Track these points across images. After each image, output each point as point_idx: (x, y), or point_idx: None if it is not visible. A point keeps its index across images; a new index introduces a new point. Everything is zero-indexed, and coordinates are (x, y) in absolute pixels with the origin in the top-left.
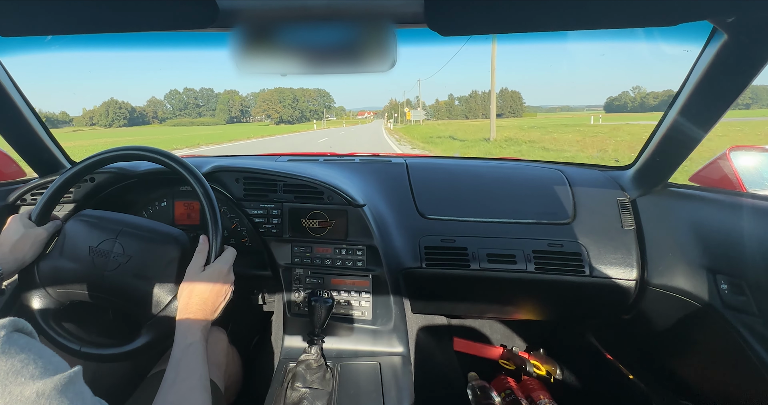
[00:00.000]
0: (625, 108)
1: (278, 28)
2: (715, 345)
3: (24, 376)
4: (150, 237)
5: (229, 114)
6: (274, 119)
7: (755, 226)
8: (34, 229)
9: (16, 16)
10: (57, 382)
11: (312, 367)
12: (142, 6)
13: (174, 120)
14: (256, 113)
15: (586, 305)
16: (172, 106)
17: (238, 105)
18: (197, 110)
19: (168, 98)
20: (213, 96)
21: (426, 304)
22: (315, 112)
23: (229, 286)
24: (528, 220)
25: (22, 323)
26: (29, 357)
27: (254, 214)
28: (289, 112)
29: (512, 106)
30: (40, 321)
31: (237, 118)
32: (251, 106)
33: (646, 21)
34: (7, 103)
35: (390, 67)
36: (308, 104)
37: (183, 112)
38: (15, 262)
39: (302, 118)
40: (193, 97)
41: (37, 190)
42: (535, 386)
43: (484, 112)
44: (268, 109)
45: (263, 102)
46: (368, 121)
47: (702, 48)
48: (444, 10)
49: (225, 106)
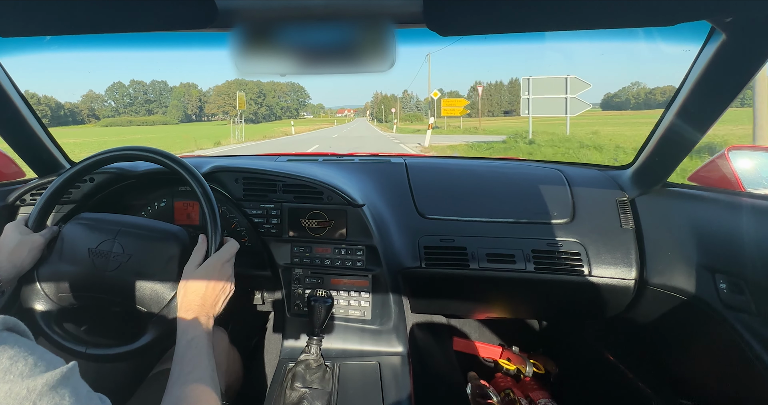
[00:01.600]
0: (628, 105)
1: (277, 28)
2: (714, 344)
3: (13, 373)
4: (149, 235)
5: (185, 111)
6: (232, 116)
7: (754, 225)
8: (31, 236)
9: (14, 16)
10: (48, 379)
11: (311, 367)
12: (141, 6)
13: (109, 119)
14: (210, 110)
15: (585, 305)
16: (115, 103)
17: (196, 101)
18: (147, 107)
19: (110, 93)
20: (167, 90)
21: (425, 303)
22: (288, 110)
23: (227, 279)
24: (527, 219)
25: (12, 322)
26: (19, 354)
27: (254, 214)
28: (252, 109)
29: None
30: (44, 326)
31: (195, 115)
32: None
33: (644, 21)
34: (6, 103)
35: (389, 67)
36: (279, 100)
37: (129, 110)
38: (13, 269)
39: (270, 116)
40: (142, 91)
41: (37, 190)
42: (534, 386)
43: (507, 108)
44: (224, 104)
45: (219, 96)
46: (348, 119)
47: (700, 48)
48: (443, 11)
49: (179, 103)
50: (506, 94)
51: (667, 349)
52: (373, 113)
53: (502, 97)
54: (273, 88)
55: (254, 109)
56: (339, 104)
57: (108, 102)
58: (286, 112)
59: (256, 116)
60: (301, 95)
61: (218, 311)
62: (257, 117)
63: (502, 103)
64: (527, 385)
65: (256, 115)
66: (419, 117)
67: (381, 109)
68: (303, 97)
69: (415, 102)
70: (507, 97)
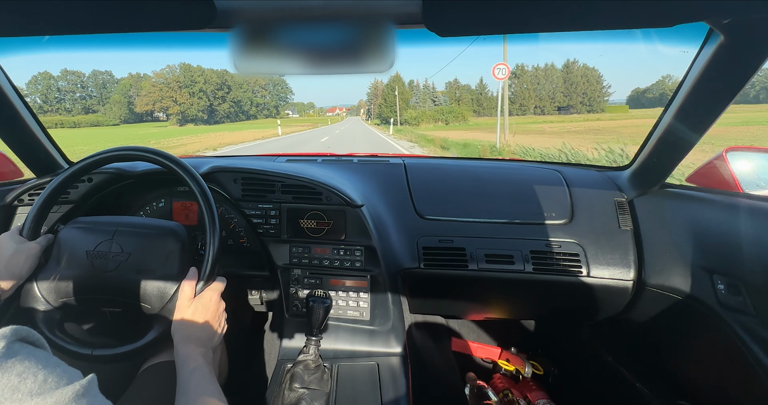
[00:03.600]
0: (662, 100)
1: (276, 28)
2: (712, 345)
3: (22, 391)
4: (147, 232)
5: (129, 109)
6: (173, 116)
7: (752, 226)
8: (27, 244)
9: (12, 16)
10: (59, 398)
11: (310, 368)
12: (140, 7)
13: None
14: (142, 107)
15: (583, 305)
16: (41, 99)
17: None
18: (84, 104)
19: (32, 86)
20: (112, 82)
21: (424, 304)
22: (264, 107)
23: (221, 314)
24: (526, 220)
25: (25, 331)
26: (29, 370)
27: (252, 214)
28: (202, 104)
29: (587, 92)
30: (47, 332)
31: (148, 114)
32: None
33: (643, 22)
34: (5, 103)
35: (389, 68)
36: (253, 95)
37: (59, 107)
38: (11, 278)
39: (237, 115)
40: (78, 84)
41: (35, 190)
42: (532, 386)
43: (562, 103)
44: (162, 98)
45: (154, 87)
46: (340, 118)
47: (698, 49)
48: (442, 11)
49: (124, 98)
50: (560, 83)
51: (665, 350)
52: (370, 110)
53: (554, 86)
54: (244, 79)
55: (205, 105)
56: (330, 103)
57: (33, 97)
58: (262, 109)
59: (213, 115)
60: (282, 89)
61: (215, 344)
62: (216, 116)
63: (555, 96)
64: (526, 385)
65: (213, 114)
66: (444, 114)
67: (387, 102)
68: (284, 92)
69: (432, 93)
70: (562, 87)
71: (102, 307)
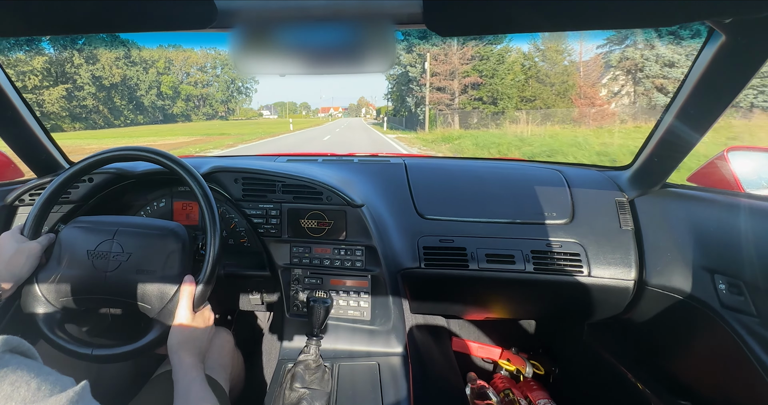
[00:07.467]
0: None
1: (277, 28)
2: (713, 345)
3: (15, 400)
4: (148, 232)
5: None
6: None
7: (753, 226)
8: (27, 244)
9: (12, 16)
10: (52, 404)
11: (311, 368)
12: (140, 6)
13: None
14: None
15: (584, 305)
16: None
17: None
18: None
19: None
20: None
21: (425, 304)
22: (203, 102)
23: (212, 326)
24: (527, 220)
25: (16, 342)
26: (22, 379)
27: (253, 214)
28: (82, 100)
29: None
30: (47, 332)
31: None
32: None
33: (644, 22)
34: (5, 103)
35: (389, 68)
36: (173, 79)
37: None
38: (12, 277)
39: (151, 113)
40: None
41: (35, 190)
42: (533, 386)
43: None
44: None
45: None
46: (335, 118)
47: (700, 49)
48: (443, 11)
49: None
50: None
51: (666, 350)
52: (379, 111)
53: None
54: (176, 55)
55: (93, 103)
56: (324, 102)
57: None
58: (194, 109)
59: (106, 116)
60: (239, 79)
61: (202, 357)
62: (116, 114)
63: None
64: (526, 385)
65: (113, 113)
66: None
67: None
68: (239, 78)
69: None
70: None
71: (102, 306)
